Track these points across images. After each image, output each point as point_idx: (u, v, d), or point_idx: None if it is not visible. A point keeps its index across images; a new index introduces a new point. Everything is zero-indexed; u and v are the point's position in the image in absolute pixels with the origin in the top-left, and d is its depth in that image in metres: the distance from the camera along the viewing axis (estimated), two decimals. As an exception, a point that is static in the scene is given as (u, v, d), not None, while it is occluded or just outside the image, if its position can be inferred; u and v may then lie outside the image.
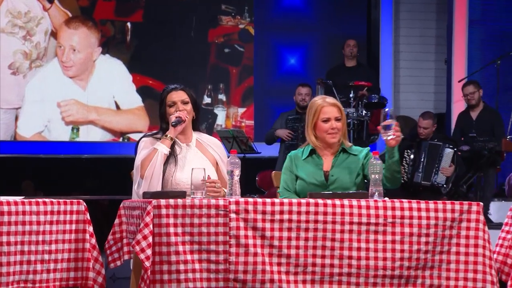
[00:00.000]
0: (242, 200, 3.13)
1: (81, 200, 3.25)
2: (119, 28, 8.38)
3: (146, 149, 3.58)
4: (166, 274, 3.05)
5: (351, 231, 3.15)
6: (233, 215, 3.11)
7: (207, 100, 8.43)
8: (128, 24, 8.39)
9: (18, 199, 3.11)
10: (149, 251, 3.02)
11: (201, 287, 3.07)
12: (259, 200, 3.14)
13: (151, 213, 3.06)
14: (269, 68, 8.57)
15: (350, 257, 3.14)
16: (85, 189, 7.97)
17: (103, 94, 8.29)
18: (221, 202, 3.13)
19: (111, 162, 8.04)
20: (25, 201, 3.10)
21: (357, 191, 3.48)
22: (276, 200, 3.16)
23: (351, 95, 7.02)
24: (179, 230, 3.08)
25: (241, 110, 8.52)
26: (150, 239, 3.03)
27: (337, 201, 3.18)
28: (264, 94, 8.51)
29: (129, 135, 8.36)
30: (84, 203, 3.26)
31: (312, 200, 3.17)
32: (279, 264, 3.11)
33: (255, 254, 3.08)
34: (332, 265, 3.13)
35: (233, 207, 3.12)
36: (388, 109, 3.45)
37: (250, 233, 3.10)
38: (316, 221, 3.14)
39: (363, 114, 6.97)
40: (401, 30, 8.57)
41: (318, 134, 3.65)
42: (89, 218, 3.27)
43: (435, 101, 8.58)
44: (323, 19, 8.58)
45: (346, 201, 3.19)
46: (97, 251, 3.26)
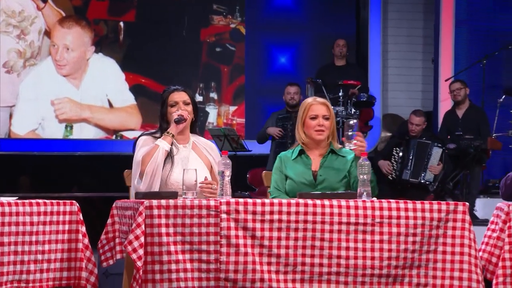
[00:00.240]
0: (233, 201, 3.13)
1: (74, 201, 3.24)
2: (112, 28, 8.35)
3: (145, 147, 3.58)
4: (158, 274, 3.05)
5: (340, 231, 3.15)
6: (224, 216, 3.11)
7: (199, 99, 8.41)
8: (121, 24, 8.36)
9: (12, 200, 3.09)
10: (141, 251, 3.02)
11: (193, 287, 3.07)
12: (250, 201, 3.14)
13: (143, 214, 3.06)
14: (260, 67, 8.56)
15: (339, 257, 3.14)
16: (79, 186, 7.95)
17: (96, 92, 8.26)
18: (212, 203, 3.12)
19: (104, 159, 8.03)
20: (19, 202, 3.08)
21: (346, 192, 3.48)
22: (266, 201, 3.16)
23: (341, 94, 7.03)
24: (171, 230, 3.07)
25: (233, 108, 8.51)
26: (142, 239, 3.03)
27: (326, 202, 3.18)
28: (255, 93, 8.50)
29: (122, 133, 8.34)
30: (77, 204, 3.25)
31: (302, 201, 3.17)
32: (269, 264, 3.11)
33: (246, 254, 3.08)
34: (321, 265, 3.14)
35: (224, 208, 3.11)
36: (354, 121, 3.51)
37: (241, 233, 3.10)
38: (306, 221, 3.14)
39: (352, 113, 6.97)
40: (389, 30, 8.58)
41: (306, 131, 3.66)
42: (82, 219, 3.25)
43: (423, 100, 8.60)
44: (313, 19, 8.58)
45: (335, 202, 3.19)
46: (90, 251, 3.25)
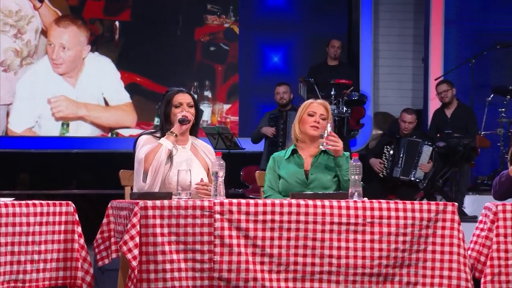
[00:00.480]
0: (227, 201, 3.13)
1: (70, 202, 3.22)
2: (108, 27, 8.33)
3: (147, 145, 3.57)
4: (153, 273, 3.04)
5: (332, 231, 3.15)
6: (218, 216, 3.10)
7: (193, 97, 8.40)
8: (117, 23, 8.33)
9: (8, 201, 3.08)
10: (136, 251, 3.01)
11: (187, 286, 3.06)
12: (243, 201, 3.14)
13: (138, 214, 3.05)
14: (254, 66, 8.55)
15: (331, 256, 3.14)
16: (75, 183, 7.94)
17: (92, 91, 8.25)
18: (206, 203, 3.12)
19: (100, 157, 8.02)
20: (15, 203, 3.07)
21: (337, 192, 3.49)
22: (259, 201, 3.16)
23: (333, 93, 7.03)
24: (165, 231, 3.06)
25: (226, 107, 8.50)
26: (137, 240, 3.02)
27: (318, 202, 3.18)
28: (249, 91, 8.50)
29: (118, 131, 8.32)
30: (73, 205, 3.24)
31: (294, 201, 3.17)
32: (262, 263, 3.10)
33: (239, 254, 3.07)
34: (313, 264, 3.13)
35: (218, 208, 3.11)
36: (329, 124, 3.62)
37: (234, 233, 3.09)
38: (298, 221, 3.14)
39: (344, 111, 6.98)
40: (380, 30, 8.58)
41: (302, 127, 3.69)
42: (78, 219, 3.24)
43: (413, 98, 8.60)
44: (306, 19, 8.57)
45: (327, 202, 3.19)
46: (86, 251, 3.24)
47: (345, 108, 6.98)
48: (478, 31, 8.19)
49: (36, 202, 3.12)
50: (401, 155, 6.46)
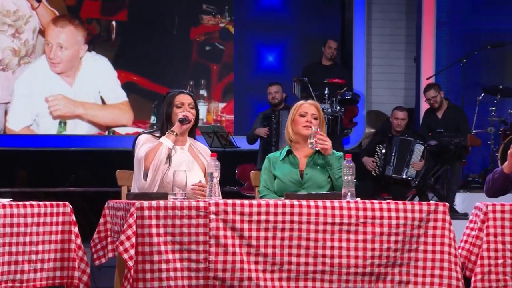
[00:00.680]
0: (221, 202, 3.12)
1: (67, 203, 3.21)
2: (105, 27, 8.31)
3: (147, 144, 3.57)
4: (149, 273, 3.03)
5: (325, 231, 3.15)
6: (213, 216, 3.09)
7: (189, 96, 8.39)
8: (113, 23, 8.31)
9: (6, 202, 3.07)
10: (132, 251, 3.00)
11: (182, 285, 3.06)
12: (238, 202, 3.13)
13: (134, 215, 3.04)
14: (248, 65, 8.55)
15: (324, 256, 3.14)
16: (72, 181, 7.92)
17: (89, 90, 8.23)
18: (201, 204, 3.11)
19: (97, 155, 8.01)
20: (13, 204, 3.06)
21: (331, 192, 3.49)
22: (254, 202, 3.15)
23: (326, 92, 7.03)
24: (161, 231, 3.06)
25: (222, 105, 8.49)
26: (133, 240, 3.01)
27: (312, 202, 3.17)
28: (244, 90, 8.49)
29: (114, 129, 8.31)
30: (70, 205, 3.23)
31: (288, 202, 3.17)
32: (257, 263, 3.10)
33: (234, 253, 3.07)
34: (307, 263, 3.13)
35: (213, 209, 3.10)
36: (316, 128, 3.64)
37: (229, 233, 3.09)
38: (292, 222, 3.14)
39: (337, 110, 6.98)
40: (373, 30, 8.58)
41: (294, 128, 3.69)
42: (75, 220, 3.23)
43: (405, 97, 8.61)
44: (300, 19, 8.57)
45: (320, 202, 3.18)
46: (83, 251, 3.24)
47: (339, 107, 6.98)
48: (469, 32, 8.20)
49: (34, 203, 3.11)
50: (393, 154, 6.47)
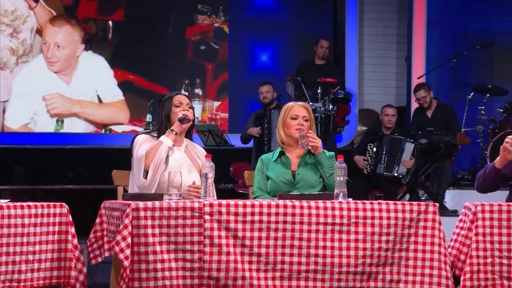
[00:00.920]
0: (216, 203, 3.11)
1: (64, 203, 3.20)
2: (101, 26, 8.29)
3: (146, 144, 3.56)
4: (144, 273, 3.03)
5: (317, 231, 3.15)
6: (207, 217, 3.09)
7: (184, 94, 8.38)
8: (110, 22, 8.29)
9: (4, 203, 3.06)
10: (128, 251, 2.99)
11: (177, 285, 3.05)
12: (232, 202, 3.13)
13: (130, 215, 3.03)
14: (243, 64, 8.54)
15: (317, 255, 3.14)
16: (69, 178, 7.91)
17: (86, 88, 8.21)
18: (196, 205, 3.10)
19: (94, 153, 7.99)
20: (10, 205, 3.05)
21: (323, 193, 3.49)
22: (248, 202, 3.15)
23: (319, 91, 7.02)
24: (157, 231, 3.05)
25: (216, 104, 8.49)
26: (129, 240, 3.00)
27: (305, 203, 3.17)
28: (238, 89, 8.49)
29: (111, 127, 8.29)
30: (67, 206, 3.22)
31: (281, 202, 3.16)
32: (250, 262, 3.10)
33: (228, 253, 3.07)
34: (300, 263, 3.13)
35: (207, 209, 3.09)
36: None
37: (223, 234, 3.08)
38: (285, 222, 3.13)
39: (330, 109, 6.97)
40: (365, 29, 8.58)
41: (286, 130, 3.68)
42: (71, 220, 3.22)
43: (396, 95, 8.62)
44: (293, 19, 8.57)
45: (313, 203, 3.18)
46: (79, 251, 3.22)
47: (331, 106, 6.98)
48: (459, 32, 8.21)
49: (31, 204, 3.10)
50: (384, 152, 6.47)
